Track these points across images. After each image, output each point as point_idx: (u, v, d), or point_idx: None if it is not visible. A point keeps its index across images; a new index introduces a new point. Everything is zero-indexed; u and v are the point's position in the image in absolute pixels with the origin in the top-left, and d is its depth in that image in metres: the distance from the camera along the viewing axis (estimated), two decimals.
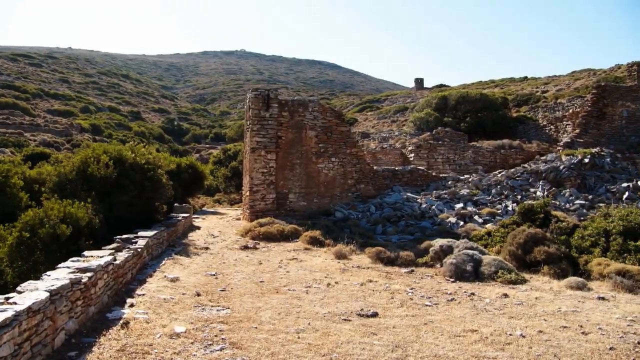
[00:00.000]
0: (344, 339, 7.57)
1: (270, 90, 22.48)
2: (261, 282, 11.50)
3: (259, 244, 16.97)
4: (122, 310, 8.54)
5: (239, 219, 24.60)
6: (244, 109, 28.71)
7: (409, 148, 30.02)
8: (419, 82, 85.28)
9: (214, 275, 12.12)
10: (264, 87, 24.42)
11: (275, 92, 22.34)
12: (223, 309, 9.08)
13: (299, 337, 7.62)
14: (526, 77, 70.96)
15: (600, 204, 19.44)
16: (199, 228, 21.22)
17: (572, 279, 11.73)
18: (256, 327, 8.05)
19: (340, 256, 14.44)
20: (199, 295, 10.03)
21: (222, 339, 7.45)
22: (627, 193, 21.00)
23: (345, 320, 8.60)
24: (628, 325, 8.63)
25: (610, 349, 7.44)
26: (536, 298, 10.50)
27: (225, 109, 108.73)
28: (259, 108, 21.69)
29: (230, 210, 31.84)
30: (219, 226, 22.28)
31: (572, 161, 23.90)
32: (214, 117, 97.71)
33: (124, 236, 12.78)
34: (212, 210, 32.38)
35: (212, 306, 9.27)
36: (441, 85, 79.08)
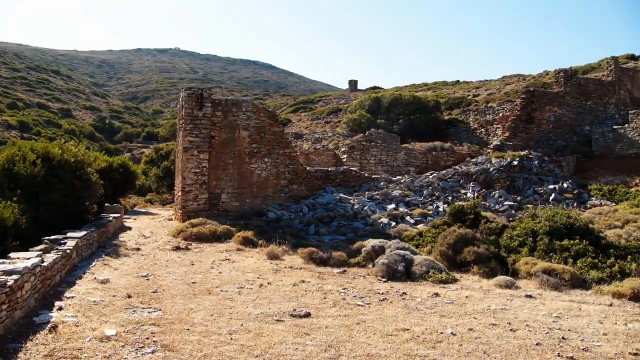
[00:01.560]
0: (277, 340, 7.57)
1: (204, 89, 22.32)
2: (193, 283, 11.40)
3: (191, 244, 16.82)
4: (50, 314, 8.33)
5: (171, 220, 24.33)
6: (177, 108, 28.39)
7: (342, 149, 30.17)
8: (353, 83, 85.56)
9: (145, 276, 11.95)
10: (197, 86, 24.25)
11: (208, 92, 22.18)
12: (155, 311, 8.97)
13: (231, 339, 7.58)
14: (458, 81, 72.06)
15: (528, 205, 19.98)
16: (130, 229, 20.89)
17: (501, 278, 12.05)
18: (188, 329, 7.97)
19: (273, 257, 14.44)
20: (130, 297, 9.87)
21: (154, 341, 7.35)
22: (553, 194, 21.64)
23: (278, 320, 8.60)
24: (553, 321, 8.96)
25: (537, 344, 7.68)
26: (466, 297, 10.73)
27: (158, 107, 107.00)
28: (192, 107, 21.49)
29: (162, 210, 31.46)
30: (150, 227, 21.98)
31: (502, 163, 24.45)
32: (146, 116, 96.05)
33: (53, 237, 12.47)
34: (143, 210, 31.93)
35: (143, 308, 9.14)
36: (375, 87, 79.50)
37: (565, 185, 23.08)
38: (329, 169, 25.34)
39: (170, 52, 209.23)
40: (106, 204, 20.89)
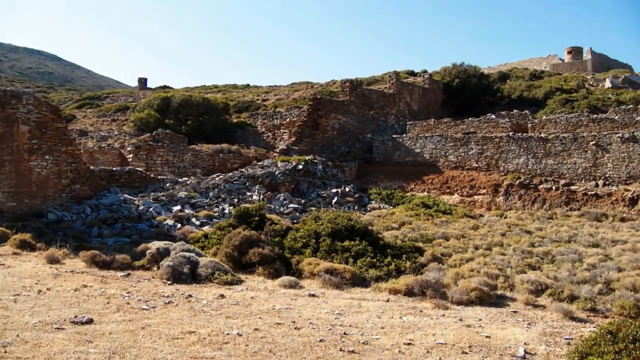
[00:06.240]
0: (57, 349, 7.25)
1: None
2: None
3: None
4: None
5: None
6: None
7: (128, 149, 29.50)
8: (143, 81, 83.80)
9: None
10: None
11: None
12: None
13: (5, 352, 7.14)
14: (248, 85, 73.02)
15: (312, 208, 20.76)
16: None
17: (285, 278, 12.45)
18: None
19: (53, 260, 13.80)
20: None
21: None
22: (335, 198, 22.65)
23: (58, 329, 8.23)
24: (335, 318, 9.43)
25: (321, 340, 8.04)
26: (252, 297, 10.94)
27: None
28: None
29: None
30: None
31: (287, 167, 25.14)
32: None
33: None
34: None
35: None
36: (165, 87, 78.42)
37: (347, 189, 24.24)
38: (114, 169, 24.68)
39: None
40: None
